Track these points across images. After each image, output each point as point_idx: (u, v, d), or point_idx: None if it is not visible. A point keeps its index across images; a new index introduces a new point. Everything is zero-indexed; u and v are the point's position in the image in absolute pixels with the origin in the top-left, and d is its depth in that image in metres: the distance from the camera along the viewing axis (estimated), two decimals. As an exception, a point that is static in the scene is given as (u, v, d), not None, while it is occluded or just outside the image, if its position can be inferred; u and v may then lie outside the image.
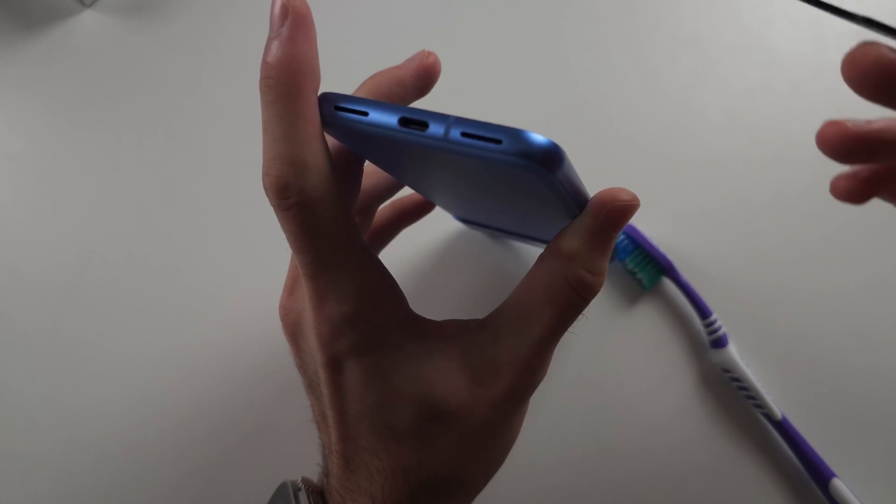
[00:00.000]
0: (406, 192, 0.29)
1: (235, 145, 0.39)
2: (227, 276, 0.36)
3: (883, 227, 0.36)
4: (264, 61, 0.17)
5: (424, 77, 0.21)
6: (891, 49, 0.14)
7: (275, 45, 0.17)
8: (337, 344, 0.19)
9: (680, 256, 0.35)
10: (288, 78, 0.17)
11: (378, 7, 0.42)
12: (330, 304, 0.19)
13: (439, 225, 0.36)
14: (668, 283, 0.35)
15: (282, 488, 0.23)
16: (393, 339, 0.20)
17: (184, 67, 0.41)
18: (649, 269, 0.35)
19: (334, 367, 0.20)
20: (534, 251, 0.36)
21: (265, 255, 0.36)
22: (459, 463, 0.20)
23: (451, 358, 0.20)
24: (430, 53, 0.21)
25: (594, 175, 0.33)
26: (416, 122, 0.16)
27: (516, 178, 0.17)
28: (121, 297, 0.36)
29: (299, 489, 0.22)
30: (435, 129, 0.16)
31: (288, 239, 0.19)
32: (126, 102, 0.40)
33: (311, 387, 0.22)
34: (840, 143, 0.16)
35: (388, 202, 0.28)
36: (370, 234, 0.30)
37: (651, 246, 0.34)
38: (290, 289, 0.23)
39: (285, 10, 0.17)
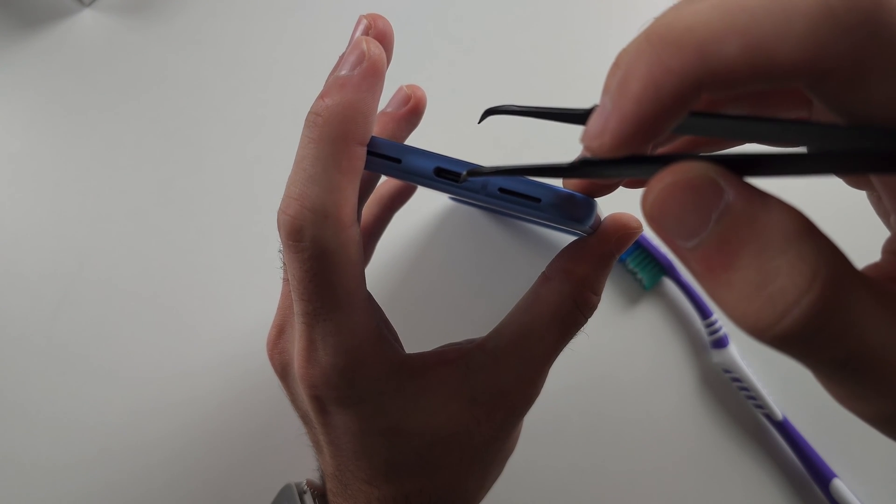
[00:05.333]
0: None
1: (234, 145, 0.39)
2: (228, 276, 0.36)
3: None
4: (320, 98, 0.17)
5: (416, 118, 0.21)
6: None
7: (337, 85, 0.17)
8: (329, 393, 0.19)
9: (680, 257, 0.35)
10: (338, 122, 0.16)
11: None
12: (321, 354, 0.18)
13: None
14: (669, 284, 0.35)
15: (286, 490, 0.23)
16: (388, 385, 0.19)
17: (182, 67, 0.40)
18: (650, 270, 0.35)
19: (327, 411, 0.19)
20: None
21: (267, 254, 0.36)
22: (461, 481, 0.20)
23: (451, 384, 0.20)
24: (411, 90, 0.21)
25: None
26: (451, 172, 0.17)
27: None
28: (119, 298, 0.36)
29: (304, 492, 0.22)
30: (472, 180, 0.17)
31: (290, 282, 0.18)
32: (125, 102, 0.40)
33: (305, 419, 0.22)
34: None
35: (371, 196, 0.28)
36: (363, 234, 0.29)
37: (651, 246, 0.34)
38: (280, 327, 0.22)
39: (361, 57, 0.17)
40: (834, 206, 0.30)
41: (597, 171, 0.13)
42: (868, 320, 0.10)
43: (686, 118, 0.12)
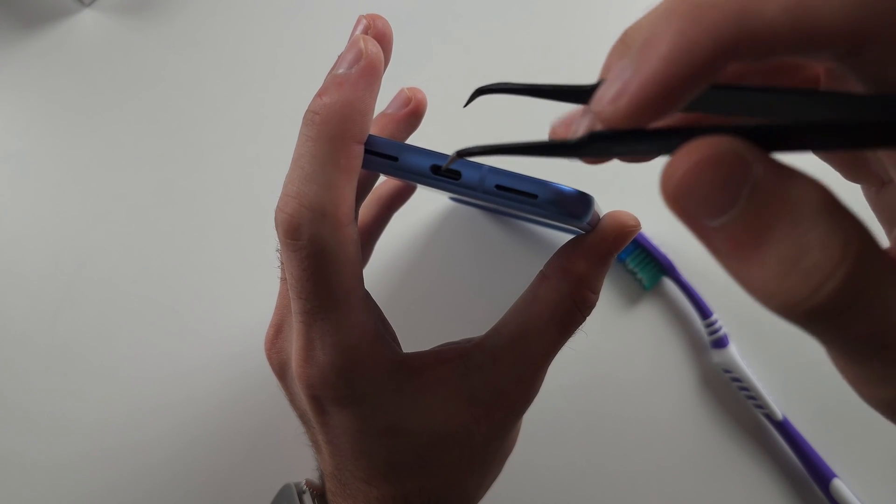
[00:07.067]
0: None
1: (234, 145, 0.39)
2: (227, 275, 0.36)
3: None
4: (318, 96, 0.17)
5: (416, 121, 0.21)
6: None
7: (335, 84, 0.17)
8: (326, 392, 0.19)
9: (680, 256, 0.35)
10: (335, 120, 0.16)
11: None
12: (319, 354, 0.18)
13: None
14: (669, 284, 0.35)
15: (285, 490, 0.23)
16: (387, 384, 0.19)
17: (182, 67, 0.40)
18: (650, 270, 0.34)
19: (325, 411, 0.19)
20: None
21: (266, 254, 0.36)
22: (461, 480, 0.20)
23: (449, 383, 0.20)
24: (412, 93, 0.21)
25: (596, 176, 0.33)
26: (448, 170, 0.17)
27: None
28: (119, 298, 0.36)
29: (304, 492, 0.22)
30: (469, 177, 0.17)
31: (288, 280, 0.18)
32: (125, 102, 0.40)
33: (303, 419, 0.22)
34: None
35: (370, 195, 0.28)
36: (361, 233, 0.29)
37: (651, 246, 0.34)
38: (278, 327, 0.21)
39: (359, 55, 0.17)
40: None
41: (606, 146, 0.12)
42: (892, 297, 0.10)
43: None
